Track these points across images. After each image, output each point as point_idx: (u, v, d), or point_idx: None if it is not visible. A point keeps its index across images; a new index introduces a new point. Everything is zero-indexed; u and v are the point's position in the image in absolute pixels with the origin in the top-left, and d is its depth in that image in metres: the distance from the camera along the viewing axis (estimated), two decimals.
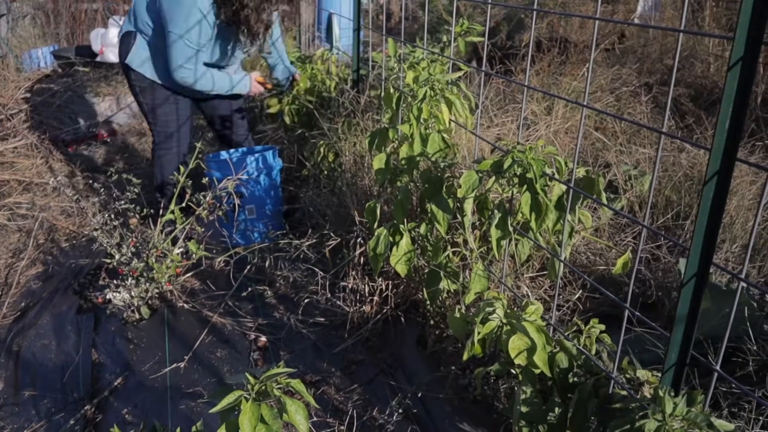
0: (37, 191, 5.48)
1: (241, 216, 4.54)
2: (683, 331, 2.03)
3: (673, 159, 4.58)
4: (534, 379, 2.48)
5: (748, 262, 1.94)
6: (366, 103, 4.85)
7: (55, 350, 3.59)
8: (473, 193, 2.71)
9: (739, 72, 1.72)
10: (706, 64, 6.81)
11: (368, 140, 3.42)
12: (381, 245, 3.18)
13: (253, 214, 4.61)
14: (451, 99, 3.18)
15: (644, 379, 2.22)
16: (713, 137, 1.79)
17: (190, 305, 3.93)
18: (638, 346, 3.00)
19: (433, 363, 3.34)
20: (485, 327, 2.51)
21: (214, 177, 4.23)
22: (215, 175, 4.32)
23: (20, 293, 4.12)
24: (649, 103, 5.90)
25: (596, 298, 3.52)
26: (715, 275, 3.38)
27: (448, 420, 2.99)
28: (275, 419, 1.85)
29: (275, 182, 4.70)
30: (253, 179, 4.53)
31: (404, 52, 3.86)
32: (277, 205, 4.75)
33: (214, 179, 4.15)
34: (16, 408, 3.16)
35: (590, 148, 5.09)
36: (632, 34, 7.67)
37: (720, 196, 1.84)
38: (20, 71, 8.21)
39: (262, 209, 4.65)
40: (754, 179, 4.17)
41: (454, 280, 3.11)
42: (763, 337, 2.94)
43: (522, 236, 2.96)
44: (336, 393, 3.23)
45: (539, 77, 6.34)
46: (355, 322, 3.66)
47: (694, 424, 1.89)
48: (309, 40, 7.48)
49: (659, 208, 4.26)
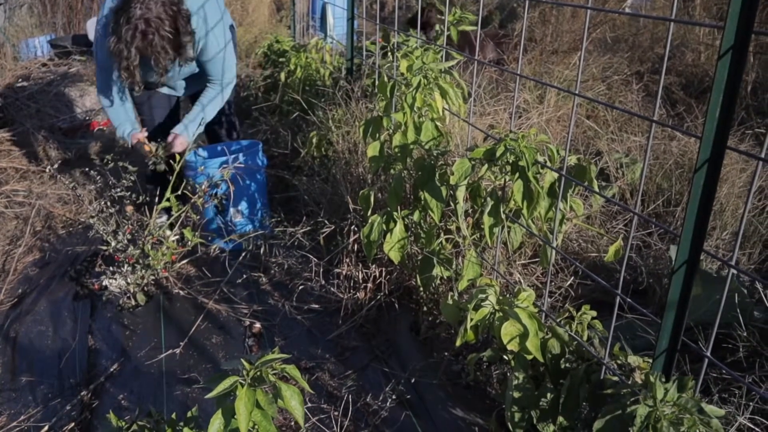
0: (33, 179, 5.49)
1: (227, 217, 4.47)
2: (674, 318, 2.05)
3: (664, 147, 4.60)
4: (526, 365, 2.50)
5: (738, 249, 1.97)
6: (360, 91, 4.86)
7: (52, 336, 3.61)
8: (466, 180, 2.73)
9: (730, 61, 1.74)
10: (697, 53, 6.83)
11: (362, 128, 3.43)
12: (375, 232, 3.20)
13: (239, 216, 4.52)
14: (444, 87, 3.20)
15: (635, 365, 2.23)
16: (704, 125, 1.81)
17: (186, 292, 3.95)
18: (629, 332, 3.02)
19: (427, 349, 3.37)
20: (478, 313, 2.53)
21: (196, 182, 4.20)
22: (198, 179, 4.24)
23: (17, 280, 4.13)
24: (641, 91, 5.92)
25: (588, 285, 3.54)
26: (705, 262, 3.41)
27: (441, 405, 3.01)
28: (271, 404, 1.86)
29: (261, 181, 4.60)
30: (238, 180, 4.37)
31: (398, 41, 3.88)
32: (264, 206, 4.66)
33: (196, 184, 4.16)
34: (14, 393, 3.18)
35: (582, 137, 5.11)
36: (623, 23, 7.68)
37: (710, 183, 1.86)
38: (17, 60, 8.21)
39: (251, 210, 4.56)
40: (744, 167, 4.19)
41: (447, 267, 3.13)
42: (753, 323, 2.97)
43: (514, 223, 2.98)
44: (330, 379, 3.25)
45: (532, 66, 6.35)
46: (349, 309, 3.68)
47: (685, 409, 1.91)
48: (303, 29, 7.48)
49: (650, 195, 4.28)
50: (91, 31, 8.54)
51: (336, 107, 4.85)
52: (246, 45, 9.44)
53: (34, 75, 7.52)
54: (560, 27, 7.27)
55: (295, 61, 5.64)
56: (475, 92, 5.07)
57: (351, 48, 5.31)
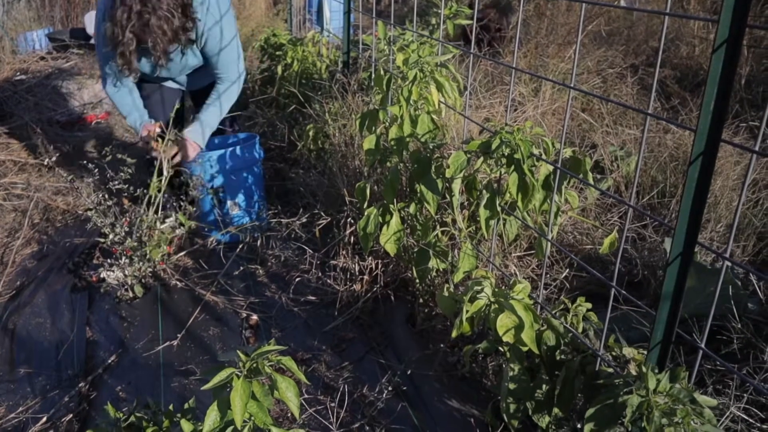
0: (32, 171, 5.49)
1: (224, 209, 4.41)
2: (669, 310, 2.07)
3: (658, 140, 4.62)
4: (522, 357, 2.52)
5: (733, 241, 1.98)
6: (356, 84, 4.87)
7: (50, 328, 3.62)
8: (461, 173, 2.74)
9: (724, 54, 1.75)
10: (692, 46, 6.84)
11: (359, 121, 3.44)
12: (371, 225, 3.21)
13: (237, 209, 4.46)
14: (440, 81, 3.21)
15: (630, 357, 2.25)
16: (698, 118, 1.82)
17: (183, 284, 3.96)
18: (624, 324, 3.04)
19: (422, 341, 3.39)
20: (474, 305, 2.54)
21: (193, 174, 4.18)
22: (195, 171, 4.22)
23: (16, 272, 4.14)
24: (635, 84, 5.94)
25: (583, 277, 3.56)
26: (700, 254, 3.43)
27: (436, 397, 3.03)
28: (266, 396, 1.87)
29: (258, 174, 4.55)
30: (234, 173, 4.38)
31: (394, 35, 3.89)
32: (261, 198, 4.59)
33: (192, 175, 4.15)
34: (12, 385, 3.19)
35: (577, 129, 5.13)
36: (618, 16, 7.69)
37: (705, 176, 1.87)
38: (15, 53, 8.22)
39: (248, 202, 4.51)
40: (739, 160, 4.21)
41: (443, 259, 3.14)
42: (747, 315, 2.99)
43: (510, 216, 3.00)
44: (327, 370, 3.26)
45: (527, 59, 6.37)
46: (346, 301, 3.70)
47: (677, 399, 1.93)
48: (300, 22, 7.48)
49: (645, 188, 4.30)
50: (89, 25, 8.57)
51: (332, 100, 4.86)
52: (243, 38, 9.40)
53: (32, 68, 7.54)
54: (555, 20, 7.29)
55: (291, 54, 5.64)
56: (471, 85, 5.08)
57: (347, 41, 5.32)
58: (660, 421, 1.90)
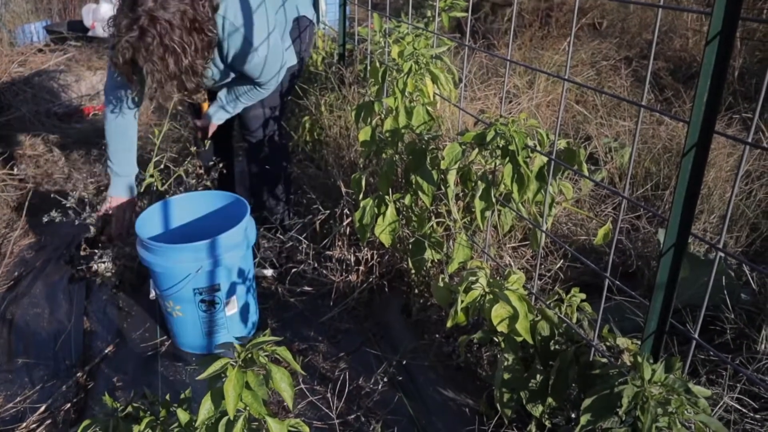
0: (29, 163, 5.49)
1: (219, 314, 3.29)
2: (662, 300, 2.08)
3: (652, 131, 4.63)
4: (516, 347, 2.54)
5: (726, 232, 2.00)
6: (352, 77, 4.87)
7: (48, 318, 3.63)
8: (456, 164, 2.75)
9: (717, 46, 1.76)
10: (685, 38, 6.85)
11: (354, 113, 3.45)
12: (367, 216, 3.22)
13: (235, 308, 3.33)
14: (435, 73, 3.22)
15: (624, 347, 2.25)
16: (691, 110, 1.84)
17: None
18: (618, 314, 3.05)
19: (418, 331, 3.40)
20: (468, 296, 2.56)
21: (156, 271, 3.15)
22: (156, 268, 3.12)
23: (13, 263, 4.15)
24: (629, 76, 5.95)
25: (577, 268, 3.57)
26: (693, 245, 3.45)
27: (432, 387, 3.05)
28: (261, 386, 1.87)
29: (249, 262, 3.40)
30: None
31: (389, 27, 3.90)
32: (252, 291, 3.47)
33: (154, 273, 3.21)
34: (10, 375, 3.20)
35: (571, 121, 5.14)
36: (612, 8, 7.70)
37: (698, 167, 1.88)
38: (13, 46, 8.20)
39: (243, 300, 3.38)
40: (732, 151, 4.22)
41: (438, 250, 3.16)
42: (740, 305, 3.01)
43: (504, 207, 3.01)
44: (323, 361, 3.28)
45: (521, 51, 6.37)
46: (342, 292, 3.71)
47: (672, 389, 1.94)
48: None
49: (639, 179, 4.32)
50: (86, 17, 8.57)
51: (328, 92, 4.87)
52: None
53: (30, 61, 7.53)
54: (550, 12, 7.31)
55: None
56: (466, 77, 5.09)
57: (343, 33, 5.32)
58: (655, 411, 1.91)
